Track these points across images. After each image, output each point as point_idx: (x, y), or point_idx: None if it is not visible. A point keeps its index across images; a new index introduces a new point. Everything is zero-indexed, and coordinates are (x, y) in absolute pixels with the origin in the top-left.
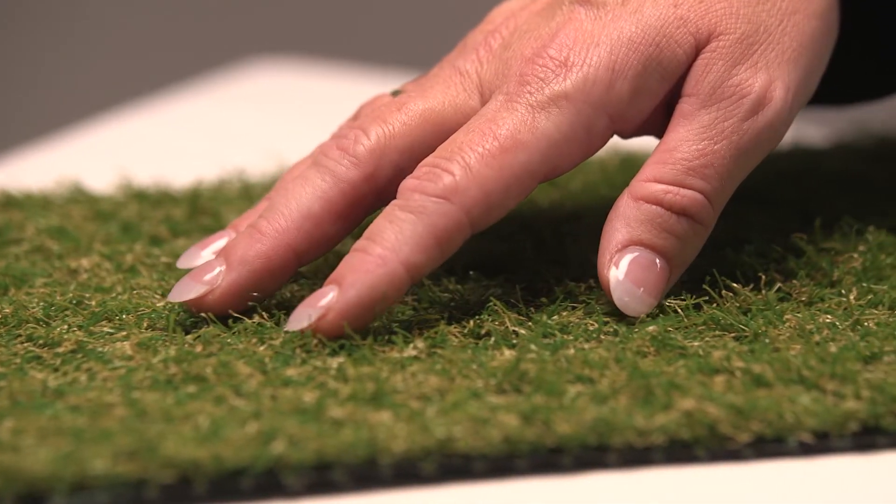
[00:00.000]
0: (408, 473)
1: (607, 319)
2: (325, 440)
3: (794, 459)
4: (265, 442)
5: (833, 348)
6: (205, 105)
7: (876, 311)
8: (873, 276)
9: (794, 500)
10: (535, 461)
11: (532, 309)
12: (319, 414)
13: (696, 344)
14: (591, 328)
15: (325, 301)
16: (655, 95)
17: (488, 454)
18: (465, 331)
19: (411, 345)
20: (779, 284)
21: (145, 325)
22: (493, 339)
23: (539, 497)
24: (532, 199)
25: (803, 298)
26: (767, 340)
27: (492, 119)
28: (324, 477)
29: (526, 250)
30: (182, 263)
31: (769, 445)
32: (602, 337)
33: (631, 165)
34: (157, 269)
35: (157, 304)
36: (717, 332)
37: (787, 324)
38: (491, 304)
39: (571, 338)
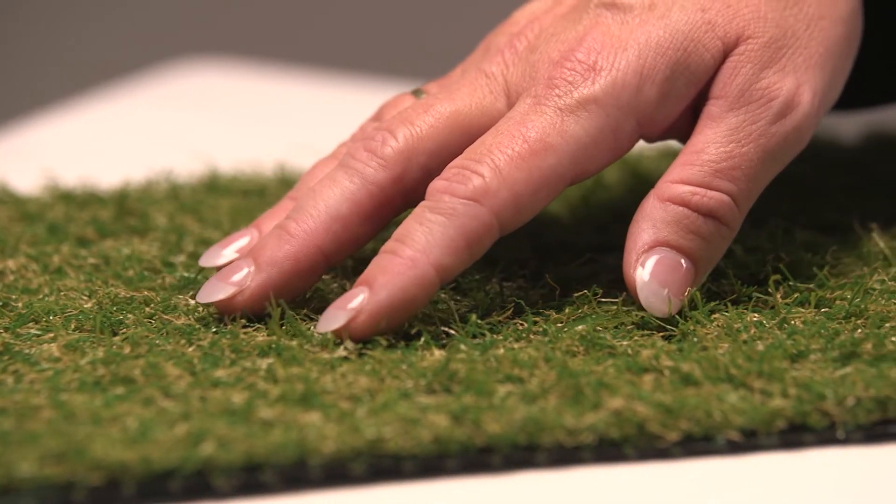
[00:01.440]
0: (337, 474)
1: (536, 319)
2: (255, 441)
3: (723, 457)
4: (194, 443)
5: (760, 347)
6: (132, 106)
7: (802, 310)
8: (800, 275)
9: (723, 498)
10: (465, 461)
11: (462, 309)
12: (249, 415)
13: (624, 343)
14: (520, 328)
15: (355, 303)
16: (683, 99)
17: (418, 454)
18: (396, 331)
19: (341, 345)
20: (707, 284)
21: (73, 326)
22: (422, 339)
23: (469, 497)
24: None
25: (731, 298)
26: (695, 339)
27: (520, 122)
28: (253, 478)
29: None
30: (204, 262)
31: (697, 444)
32: (531, 337)
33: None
34: (84, 271)
35: (85, 306)
36: (646, 332)
37: (715, 323)
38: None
39: (501, 338)
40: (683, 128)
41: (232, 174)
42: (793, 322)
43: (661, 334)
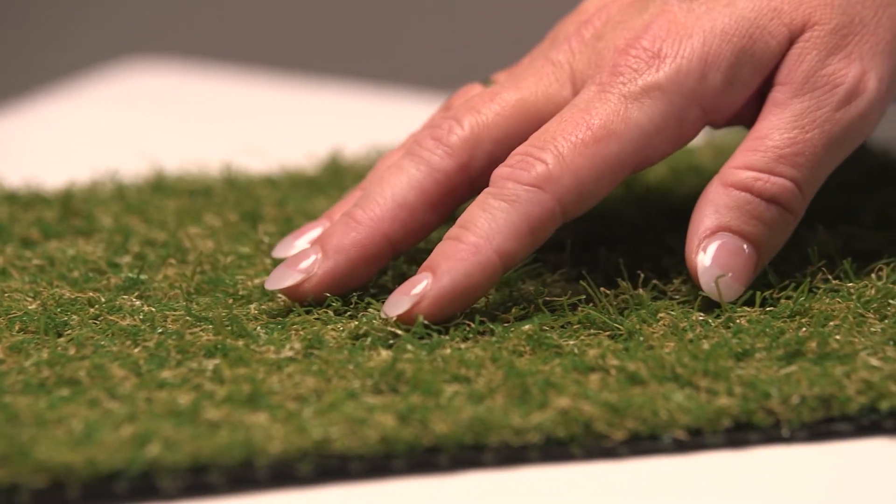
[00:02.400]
0: (284, 475)
1: (483, 319)
2: (201, 442)
3: (669, 456)
4: (140, 445)
5: (706, 346)
6: (77, 106)
7: (748, 309)
8: None
9: (669, 497)
10: (412, 461)
11: None
12: (195, 416)
13: (571, 342)
14: (467, 328)
15: (419, 288)
16: (748, 86)
17: (365, 454)
18: (342, 331)
19: (288, 346)
20: (653, 282)
21: (17, 328)
22: (369, 339)
23: (416, 497)
24: None
25: (677, 297)
26: (642, 338)
27: (585, 109)
28: (199, 479)
29: (406, 254)
30: (276, 253)
31: (644, 443)
32: (478, 336)
33: None
34: (28, 272)
35: (29, 307)
36: (592, 331)
37: (661, 322)
38: (364, 302)
39: (448, 337)
40: (750, 114)
41: (178, 175)
42: (738, 321)
43: (608, 333)
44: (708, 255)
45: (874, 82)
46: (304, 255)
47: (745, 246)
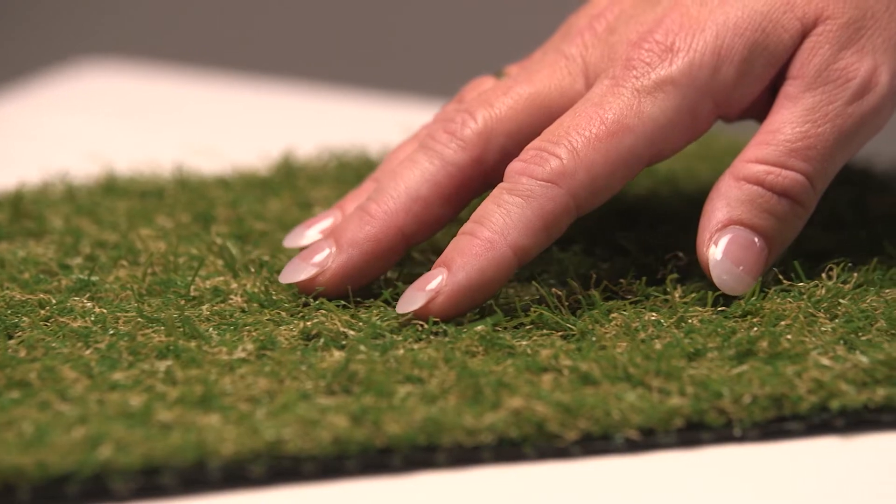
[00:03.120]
0: (237, 476)
1: (436, 320)
2: (153, 444)
3: (621, 456)
4: (91, 447)
5: (658, 346)
6: (28, 107)
7: (700, 309)
8: (697, 273)
9: (622, 497)
10: (365, 462)
11: (361, 310)
12: (147, 418)
13: (524, 343)
14: (420, 329)
15: (434, 284)
16: (761, 80)
17: (318, 455)
18: (295, 332)
19: (240, 347)
20: (605, 283)
21: None
22: (322, 340)
23: (369, 498)
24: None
25: (629, 297)
26: (594, 338)
27: (598, 103)
28: (151, 481)
29: None
30: (288, 243)
31: (596, 443)
32: (431, 337)
33: None
34: None
35: None
36: (545, 331)
37: (614, 322)
38: (316, 303)
39: (401, 338)
40: (762, 108)
41: (129, 176)
42: (690, 321)
43: (560, 334)
44: (719, 249)
45: (886, 76)
46: (317, 249)
47: (756, 239)
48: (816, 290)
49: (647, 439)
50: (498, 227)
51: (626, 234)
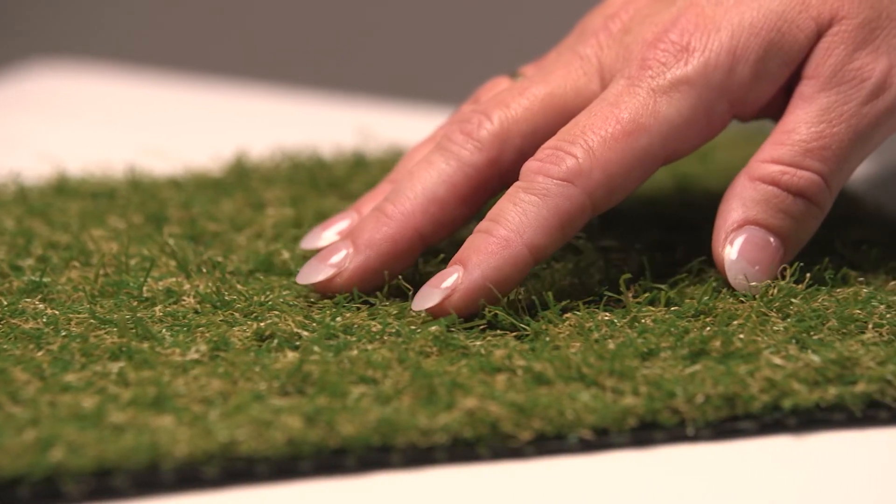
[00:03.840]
0: (190, 478)
1: (390, 321)
2: (106, 446)
3: (575, 456)
4: (43, 449)
5: (611, 345)
6: None
7: (653, 309)
8: (650, 273)
9: (575, 497)
10: (319, 462)
11: (315, 311)
12: (99, 419)
13: (477, 343)
14: (374, 329)
15: (450, 282)
16: (776, 80)
17: (271, 456)
18: (248, 333)
19: (193, 348)
20: (558, 283)
21: None
22: (276, 341)
23: (323, 499)
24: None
25: (582, 297)
26: (548, 339)
27: (614, 103)
28: (104, 483)
29: (311, 254)
30: (305, 244)
31: (550, 443)
32: (385, 338)
33: None
34: None
35: None
36: (499, 332)
37: (567, 322)
38: (271, 304)
39: (355, 339)
40: (777, 107)
41: (81, 177)
42: (643, 321)
43: (514, 334)
44: (734, 249)
45: None
46: (334, 250)
47: (771, 239)
48: (769, 290)
49: (601, 439)
50: (514, 225)
51: (579, 235)
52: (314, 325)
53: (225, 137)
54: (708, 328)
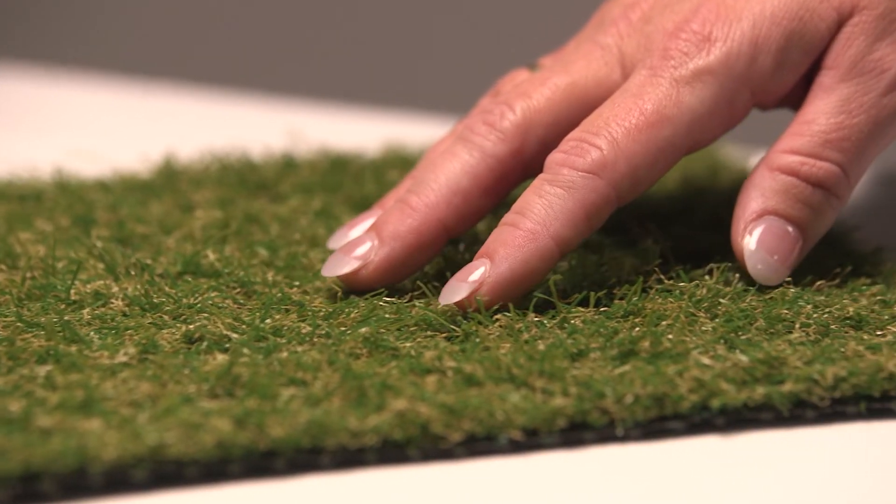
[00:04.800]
0: (118, 481)
1: (320, 322)
2: (33, 450)
3: (505, 457)
4: None
5: (541, 346)
6: None
7: (582, 310)
8: (580, 274)
9: (506, 498)
10: (249, 465)
11: (245, 313)
12: (26, 423)
13: (408, 345)
14: (304, 331)
15: (477, 275)
16: (797, 69)
17: (201, 459)
18: (177, 336)
19: (122, 351)
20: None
21: None
22: (205, 343)
23: (253, 501)
24: (255, 212)
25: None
26: (478, 340)
27: (636, 94)
28: (31, 488)
29: (242, 258)
30: (332, 244)
31: (480, 444)
32: (315, 339)
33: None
34: None
35: None
36: (429, 333)
37: (497, 323)
38: (200, 306)
39: (284, 341)
40: (797, 96)
41: (7, 179)
42: (573, 321)
43: (444, 335)
44: (754, 239)
45: None
46: (359, 242)
47: (790, 229)
48: (697, 291)
49: (531, 440)
50: (540, 218)
51: None
52: (244, 327)
53: (153, 139)
54: (637, 329)
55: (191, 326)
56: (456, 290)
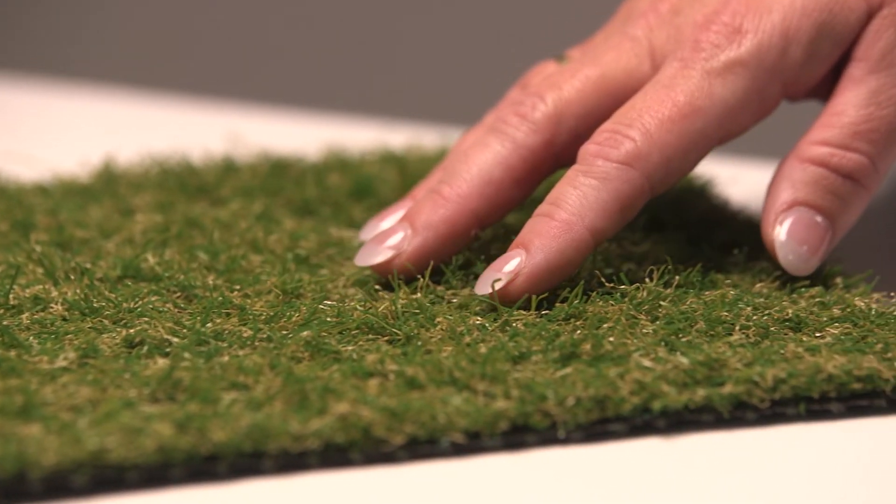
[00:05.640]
0: (58, 486)
1: (262, 326)
2: None
3: (447, 460)
4: None
5: (483, 349)
6: None
7: (524, 313)
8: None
9: (448, 501)
10: (190, 469)
11: (185, 317)
12: None
13: (349, 348)
14: (245, 335)
15: (512, 265)
16: (827, 61)
17: (142, 464)
18: (118, 340)
19: (62, 355)
20: (430, 288)
21: None
22: (146, 347)
23: None
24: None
25: (454, 300)
26: (420, 343)
27: (668, 85)
28: None
29: (182, 261)
30: (364, 236)
31: (422, 447)
32: (256, 343)
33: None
34: None
35: None
36: (371, 336)
37: (439, 326)
38: (140, 310)
39: (226, 345)
40: (826, 88)
41: None
42: (514, 324)
43: (386, 338)
44: (784, 229)
45: None
46: (391, 232)
47: (819, 219)
48: (638, 293)
49: (473, 442)
50: (575, 208)
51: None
52: (184, 331)
53: (93, 143)
54: (578, 331)
55: (131, 331)
56: (491, 281)
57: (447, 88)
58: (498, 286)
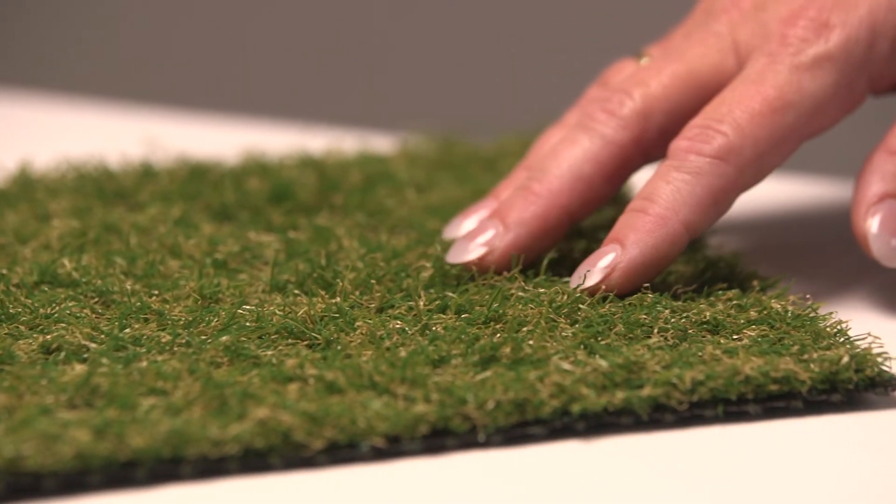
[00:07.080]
0: None
1: (180, 331)
2: None
3: (367, 464)
4: None
5: (403, 353)
6: None
7: (444, 316)
8: (440, 282)
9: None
10: (109, 476)
11: (103, 322)
12: None
13: (269, 353)
14: (164, 340)
15: (607, 260)
16: None
17: (59, 471)
18: (34, 346)
19: None
20: (352, 292)
21: None
22: (63, 353)
23: None
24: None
25: (374, 305)
26: (339, 347)
27: (757, 80)
28: None
29: (100, 267)
30: (447, 234)
31: (342, 451)
32: (175, 349)
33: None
34: None
35: None
36: (290, 341)
37: (359, 330)
38: (57, 316)
39: (144, 350)
40: None
41: None
42: (434, 328)
43: (306, 342)
44: (875, 222)
45: None
46: (483, 229)
47: None
48: (557, 297)
49: (393, 447)
50: (669, 203)
51: (374, 242)
52: (102, 336)
53: (8, 148)
54: (498, 335)
55: (48, 336)
56: (587, 277)
57: (367, 93)
58: (589, 282)
